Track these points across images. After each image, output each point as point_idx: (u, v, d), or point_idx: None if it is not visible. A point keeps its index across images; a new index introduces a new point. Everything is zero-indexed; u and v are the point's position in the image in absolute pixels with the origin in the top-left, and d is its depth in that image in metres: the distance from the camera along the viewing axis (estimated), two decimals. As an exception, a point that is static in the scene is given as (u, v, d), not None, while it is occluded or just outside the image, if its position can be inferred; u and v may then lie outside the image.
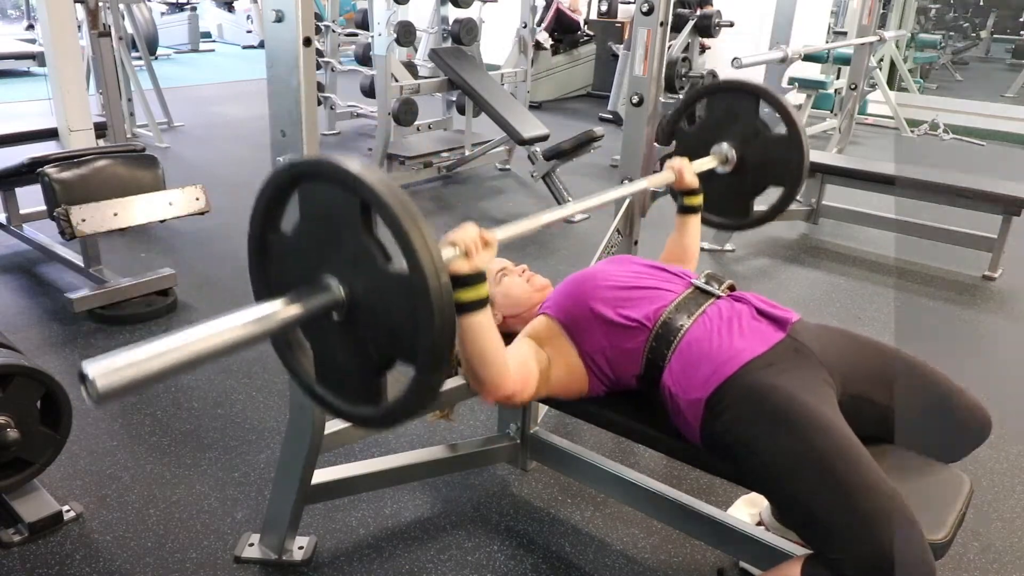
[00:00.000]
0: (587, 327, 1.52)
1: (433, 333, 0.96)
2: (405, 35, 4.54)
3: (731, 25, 5.72)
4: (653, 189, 1.98)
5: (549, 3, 7.80)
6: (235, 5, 11.46)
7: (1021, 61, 10.23)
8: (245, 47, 10.97)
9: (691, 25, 5.40)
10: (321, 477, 1.76)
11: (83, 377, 0.82)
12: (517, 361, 1.42)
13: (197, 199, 2.94)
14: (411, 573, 1.75)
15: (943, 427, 1.46)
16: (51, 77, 3.46)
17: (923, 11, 9.61)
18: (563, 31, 7.87)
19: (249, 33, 11.09)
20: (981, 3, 12.94)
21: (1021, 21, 12.88)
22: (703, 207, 1.90)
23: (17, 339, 2.48)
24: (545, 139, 4.43)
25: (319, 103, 4.80)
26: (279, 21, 1.33)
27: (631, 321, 1.48)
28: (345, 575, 1.74)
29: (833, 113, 6.86)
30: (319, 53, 5.75)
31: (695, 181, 1.86)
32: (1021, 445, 2.33)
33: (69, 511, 1.86)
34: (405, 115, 4.60)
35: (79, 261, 3.03)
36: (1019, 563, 1.86)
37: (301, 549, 1.77)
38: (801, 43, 4.64)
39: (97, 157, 2.83)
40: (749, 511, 1.83)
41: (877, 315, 3.22)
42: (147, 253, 3.51)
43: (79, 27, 4.01)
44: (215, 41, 11.38)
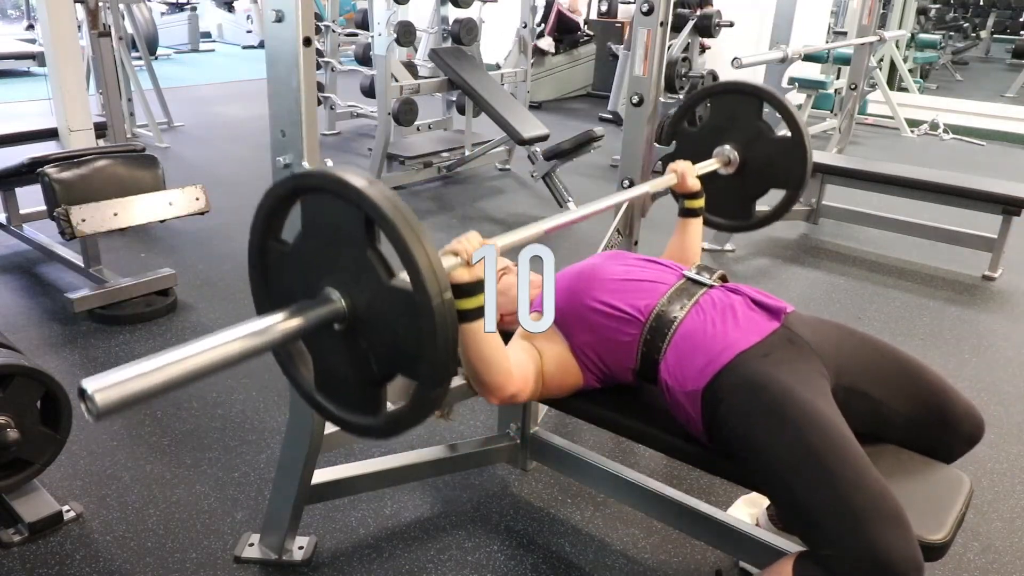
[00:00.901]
0: (578, 322, 1.53)
1: (436, 351, 0.96)
2: (405, 35, 4.53)
3: (731, 25, 5.71)
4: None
5: (549, 5, 7.81)
6: (235, 5, 11.47)
7: (1021, 61, 10.22)
8: (245, 47, 10.98)
9: (691, 25, 5.39)
10: (321, 477, 1.76)
11: (83, 393, 0.83)
12: (517, 360, 1.43)
13: (197, 199, 2.94)
14: (411, 573, 1.75)
15: (935, 427, 1.45)
16: (51, 77, 3.46)
17: (923, 11, 9.60)
18: (563, 31, 7.87)
19: (249, 33, 11.10)
20: (981, 3, 12.95)
21: (1021, 21, 12.90)
22: (704, 208, 1.90)
23: (17, 339, 2.48)
24: (545, 139, 4.42)
25: (319, 103, 4.78)
26: (279, 21, 1.33)
27: (624, 315, 1.48)
28: (345, 575, 1.74)
29: (833, 113, 6.85)
30: (319, 53, 5.75)
31: (697, 184, 1.86)
32: (1020, 445, 2.33)
33: (69, 511, 1.86)
34: (405, 115, 4.60)
35: (79, 261, 3.03)
36: (1019, 563, 1.86)
37: (301, 549, 1.77)
38: (801, 43, 4.64)
39: (97, 157, 2.83)
40: (749, 511, 1.83)
41: (877, 315, 3.22)
42: (147, 253, 3.51)
43: (79, 27, 4.01)
44: (215, 41, 11.39)
